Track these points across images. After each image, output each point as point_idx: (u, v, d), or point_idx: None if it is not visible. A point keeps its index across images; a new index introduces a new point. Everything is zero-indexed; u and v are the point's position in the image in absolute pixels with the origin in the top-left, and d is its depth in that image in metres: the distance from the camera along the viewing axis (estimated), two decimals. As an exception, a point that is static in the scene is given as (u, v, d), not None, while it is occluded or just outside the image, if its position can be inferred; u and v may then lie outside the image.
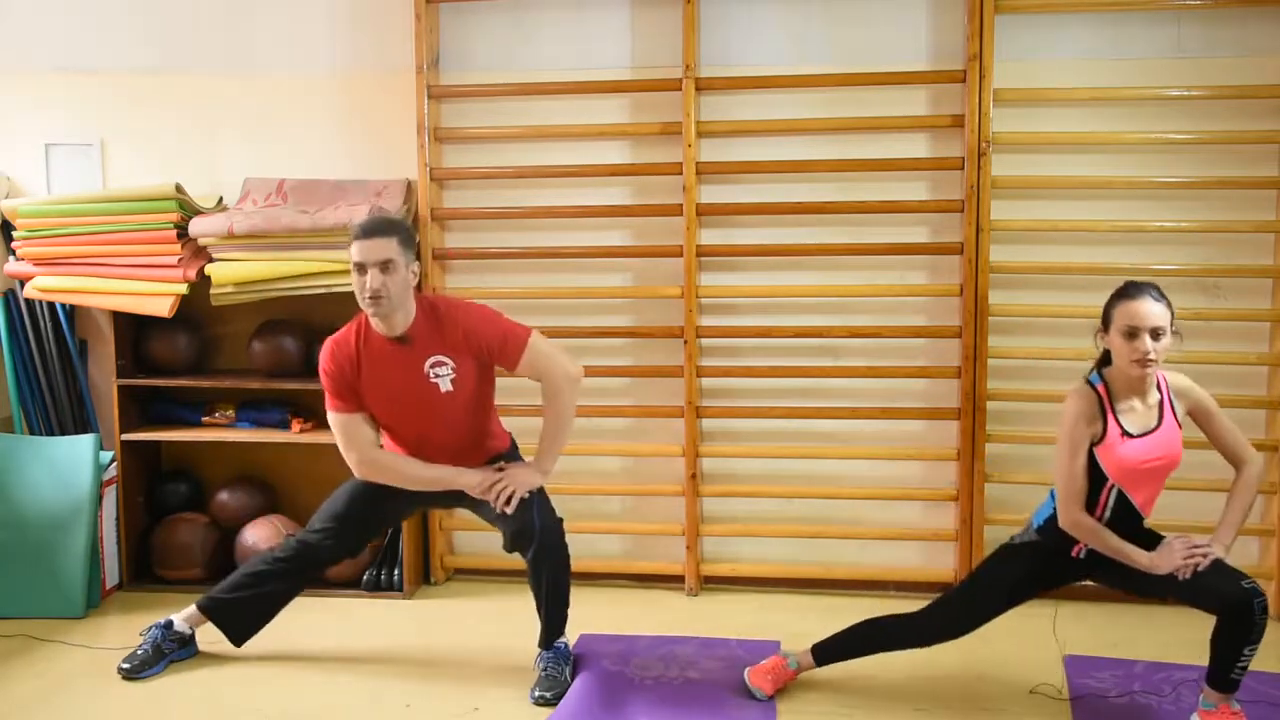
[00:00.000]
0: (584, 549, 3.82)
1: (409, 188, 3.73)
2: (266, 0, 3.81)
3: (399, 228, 2.85)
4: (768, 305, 3.68)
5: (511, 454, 3.12)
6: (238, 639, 3.15)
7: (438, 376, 2.86)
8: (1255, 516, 3.55)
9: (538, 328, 3.71)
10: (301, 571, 3.13)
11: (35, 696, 2.93)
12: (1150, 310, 2.51)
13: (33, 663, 3.15)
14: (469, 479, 2.93)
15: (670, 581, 3.77)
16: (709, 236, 3.66)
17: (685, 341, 3.64)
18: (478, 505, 3.01)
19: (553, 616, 3.03)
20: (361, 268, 2.77)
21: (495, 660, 3.14)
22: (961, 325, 3.53)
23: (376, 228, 2.81)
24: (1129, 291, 2.56)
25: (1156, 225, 3.46)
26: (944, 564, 3.66)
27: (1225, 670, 2.53)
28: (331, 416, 2.93)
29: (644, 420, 3.79)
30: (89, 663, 3.14)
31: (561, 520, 3.02)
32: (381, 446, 2.98)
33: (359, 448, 2.92)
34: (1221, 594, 2.50)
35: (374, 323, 2.85)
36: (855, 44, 3.57)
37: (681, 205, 3.59)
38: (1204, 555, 2.53)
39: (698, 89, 3.56)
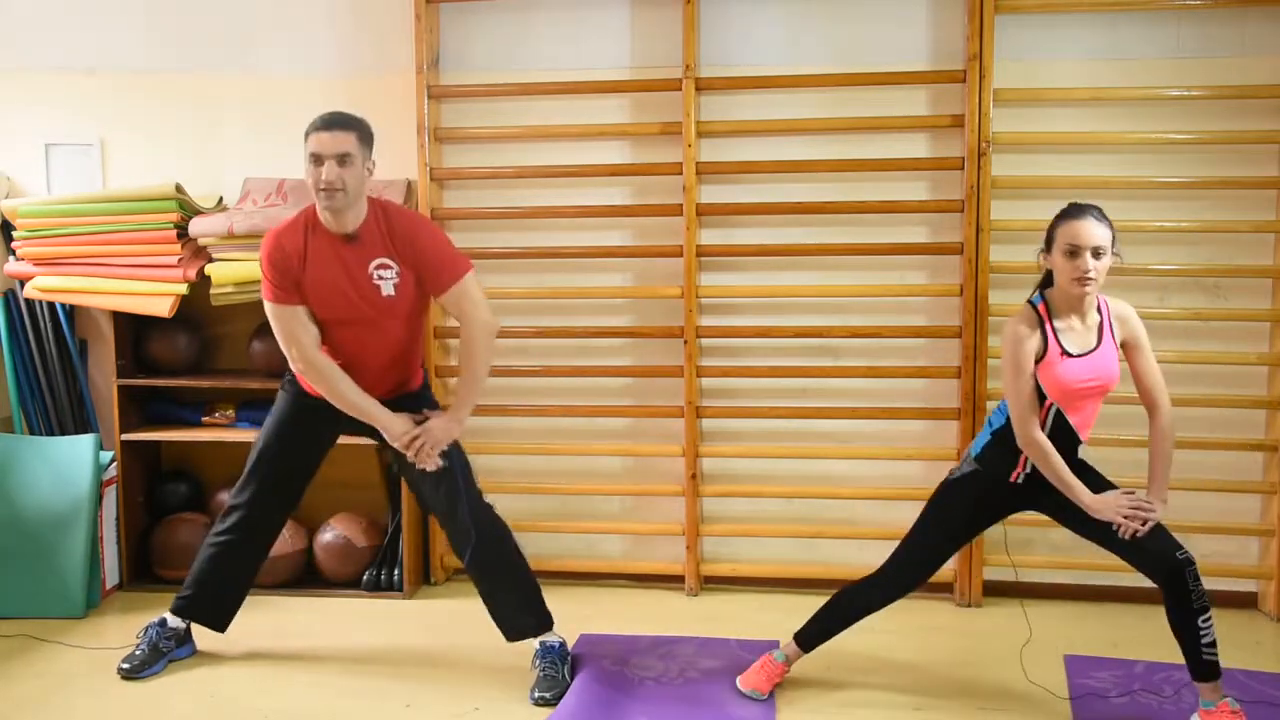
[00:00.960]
0: (584, 549, 3.84)
1: (409, 188, 3.73)
2: (266, 0, 3.81)
3: (359, 123, 2.80)
4: (768, 305, 3.68)
5: (425, 391, 3.08)
6: (219, 626, 3.15)
7: (381, 279, 2.82)
8: (1255, 516, 3.55)
9: (538, 328, 3.75)
10: (249, 537, 3.09)
11: (35, 696, 2.93)
12: (1092, 230, 2.54)
13: (33, 663, 3.14)
14: (392, 424, 2.87)
15: (670, 581, 3.77)
16: (709, 236, 3.66)
17: (685, 341, 3.64)
18: (396, 453, 2.95)
19: (525, 604, 3.01)
20: (318, 159, 2.72)
21: (495, 660, 3.13)
22: (961, 325, 3.53)
23: (337, 121, 2.76)
24: (1071, 212, 2.60)
25: (1156, 225, 3.46)
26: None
27: (1195, 652, 2.55)
28: (271, 309, 2.83)
29: (644, 420, 3.79)
30: (89, 663, 3.13)
31: (491, 506, 3.01)
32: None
33: (300, 343, 2.83)
34: (1156, 558, 2.54)
35: (324, 217, 2.80)
36: (855, 44, 3.57)
37: (681, 205, 3.59)
38: (1145, 517, 2.56)
39: (698, 89, 3.56)
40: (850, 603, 2.88)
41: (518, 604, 3.03)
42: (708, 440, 3.73)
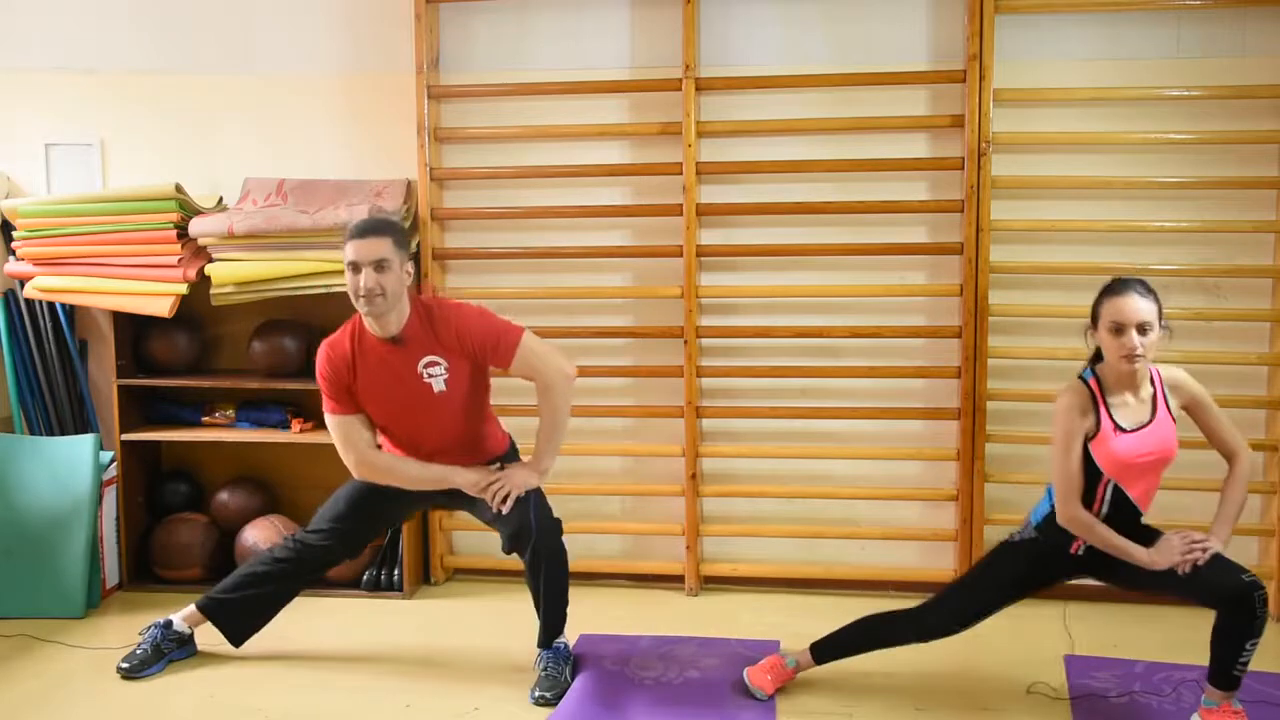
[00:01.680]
0: (584, 549, 3.83)
1: (409, 188, 3.73)
2: (266, 0, 3.81)
3: (394, 228, 2.86)
4: (768, 305, 3.68)
5: (510, 455, 3.12)
6: (236, 639, 3.15)
7: (431, 376, 2.86)
8: (1255, 516, 3.55)
9: (538, 328, 3.71)
10: (300, 573, 3.13)
11: (35, 696, 2.93)
12: (1136, 306, 2.52)
13: (33, 663, 3.14)
14: (465, 478, 2.93)
15: (670, 581, 3.77)
16: (709, 236, 3.66)
17: (685, 341, 3.64)
18: (475, 506, 3.01)
19: (551, 616, 3.03)
20: (356, 267, 2.77)
21: (495, 660, 3.13)
22: (961, 325, 3.53)
23: (372, 227, 2.81)
24: (1115, 288, 2.57)
25: (1156, 225, 3.46)
26: (944, 564, 3.66)
27: (1227, 667, 2.53)
28: (329, 419, 2.93)
29: (644, 420, 3.79)
30: (89, 663, 3.14)
31: (559, 520, 3.02)
32: (380, 447, 2.98)
33: (356, 449, 2.92)
34: (1222, 587, 2.50)
35: (368, 323, 2.85)
36: (855, 44, 3.57)
37: (681, 205, 3.59)
38: (1203, 550, 2.53)
39: (698, 89, 3.56)
40: (877, 631, 2.86)
41: (558, 610, 3.04)
42: (708, 440, 3.73)
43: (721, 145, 3.63)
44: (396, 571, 3.71)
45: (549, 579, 2.98)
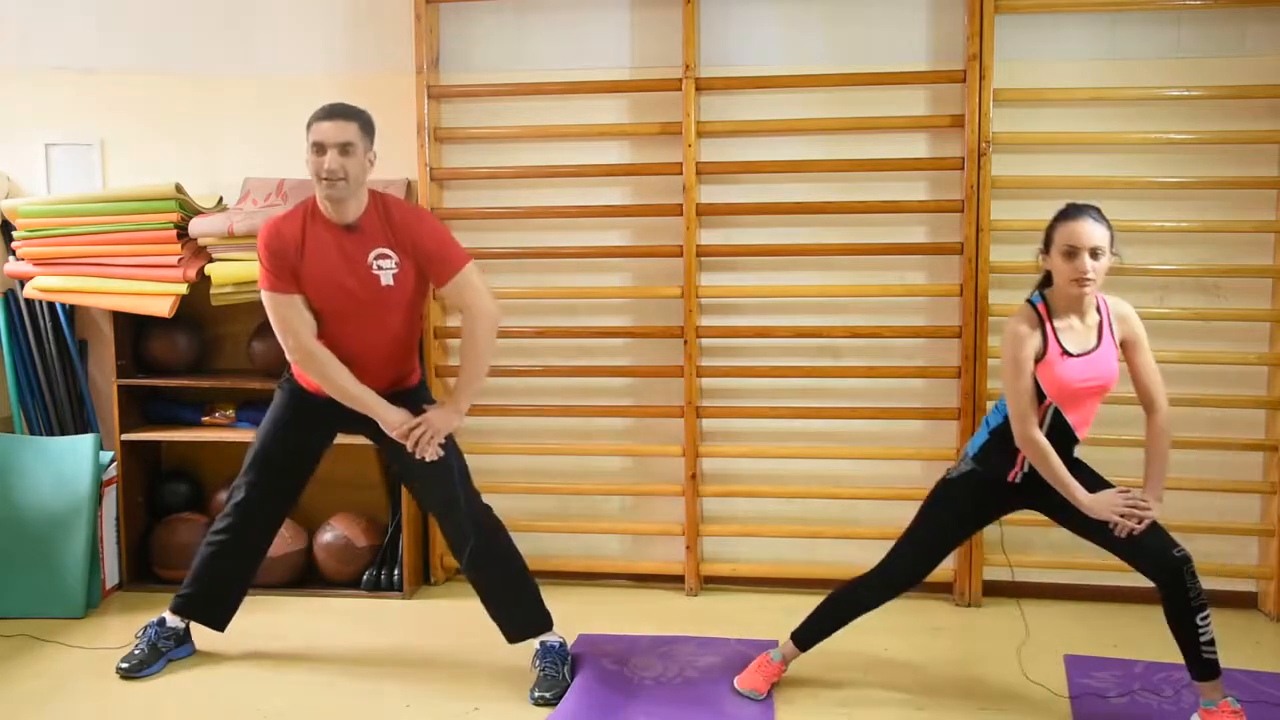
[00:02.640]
0: (584, 549, 3.83)
1: (409, 188, 3.73)
2: (266, 0, 3.81)
3: (361, 114, 2.82)
4: (768, 305, 3.68)
5: (421, 390, 3.07)
6: (218, 625, 3.15)
7: (380, 269, 2.82)
8: (1255, 516, 3.55)
9: (538, 328, 3.75)
10: (248, 536, 3.08)
11: (35, 696, 2.93)
12: (1090, 230, 2.54)
13: (33, 663, 3.14)
14: (390, 414, 2.87)
15: (670, 581, 3.77)
16: (709, 236, 3.66)
17: (685, 341, 3.64)
18: (394, 450, 2.94)
19: (525, 605, 3.01)
20: (320, 148, 2.73)
21: (495, 660, 3.13)
22: (961, 325, 3.53)
23: (339, 110, 2.78)
24: (1069, 213, 2.60)
25: (1156, 225, 3.46)
26: (943, 564, 3.64)
27: (1194, 650, 2.55)
28: (267, 297, 2.82)
29: (644, 420, 3.79)
30: (89, 663, 3.13)
31: (489, 508, 3.01)
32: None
33: (297, 333, 2.83)
34: (1153, 556, 2.55)
35: (324, 206, 2.81)
36: (855, 44, 3.57)
37: (681, 205, 3.59)
38: (1142, 515, 2.56)
39: (698, 89, 3.56)
40: (846, 602, 2.89)
41: (516, 605, 3.04)
42: (708, 440, 3.73)
43: (721, 145, 3.63)
44: (396, 571, 3.71)
45: (502, 570, 2.97)
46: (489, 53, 3.73)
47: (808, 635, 2.91)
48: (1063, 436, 2.65)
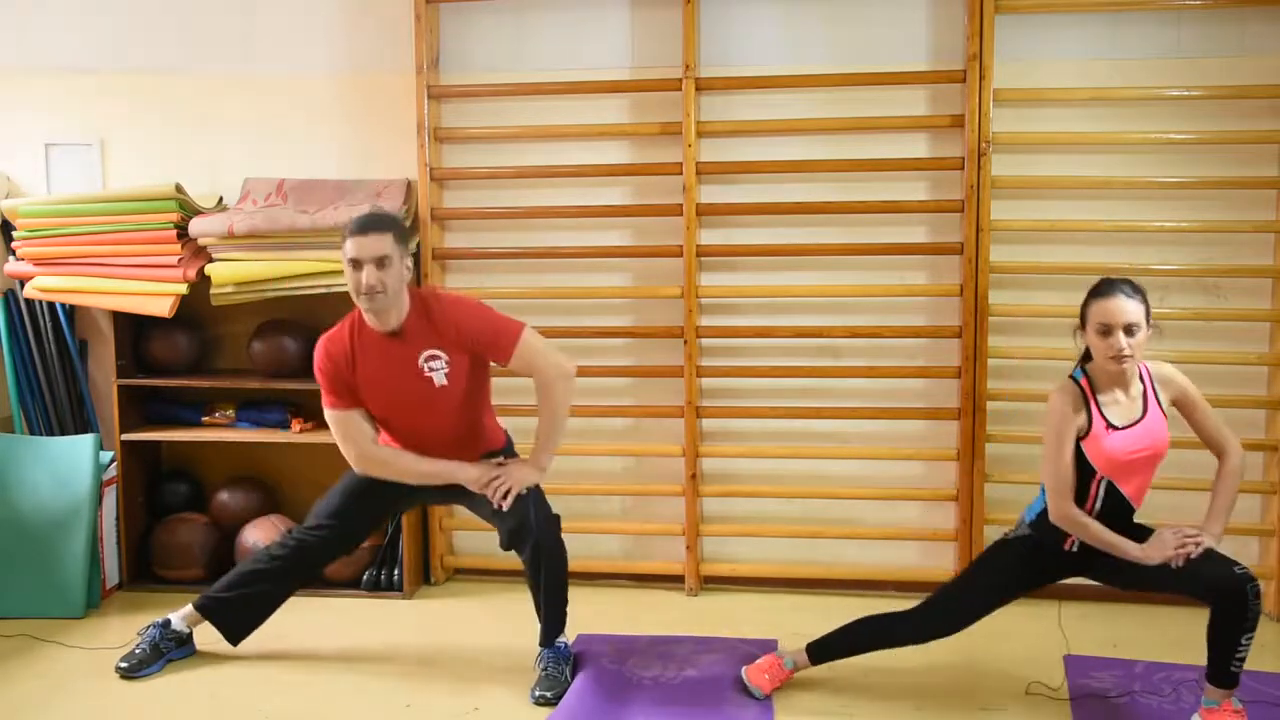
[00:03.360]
0: (584, 549, 3.82)
1: (409, 188, 3.73)
2: (266, 0, 3.81)
3: (395, 223, 2.86)
4: (768, 305, 3.68)
5: (507, 451, 3.12)
6: (234, 638, 3.16)
7: (431, 370, 2.87)
8: (1255, 516, 3.55)
9: (538, 328, 3.72)
10: (298, 570, 3.13)
11: (35, 696, 2.93)
12: (1122, 307, 2.53)
13: (33, 663, 3.14)
14: (467, 473, 2.93)
15: (670, 581, 3.77)
16: (709, 236, 3.66)
17: (685, 341, 3.64)
18: (475, 502, 3.01)
19: (552, 614, 3.03)
20: (357, 264, 2.77)
21: (495, 660, 3.14)
22: (961, 325, 3.53)
23: (372, 224, 2.81)
24: (1101, 289, 2.58)
25: (1156, 225, 3.46)
26: (943, 564, 3.66)
27: (1224, 663, 2.53)
28: (329, 414, 2.94)
29: (644, 420, 3.79)
30: (89, 663, 3.13)
31: (558, 517, 3.02)
32: (378, 442, 2.98)
33: (357, 444, 2.93)
34: (1215, 580, 2.51)
35: (368, 319, 2.86)
36: (855, 44, 3.57)
37: (681, 205, 3.59)
38: (1195, 544, 2.54)
39: (698, 89, 3.56)
40: (873, 632, 2.87)
41: (550, 617, 3.04)
42: (708, 440, 3.73)
43: (721, 145, 3.63)
44: (396, 571, 3.71)
45: (549, 575, 2.98)
46: (489, 53, 3.73)
47: (824, 651, 2.89)
48: (1118, 509, 2.64)
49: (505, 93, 3.69)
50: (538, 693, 2.88)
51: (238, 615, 3.14)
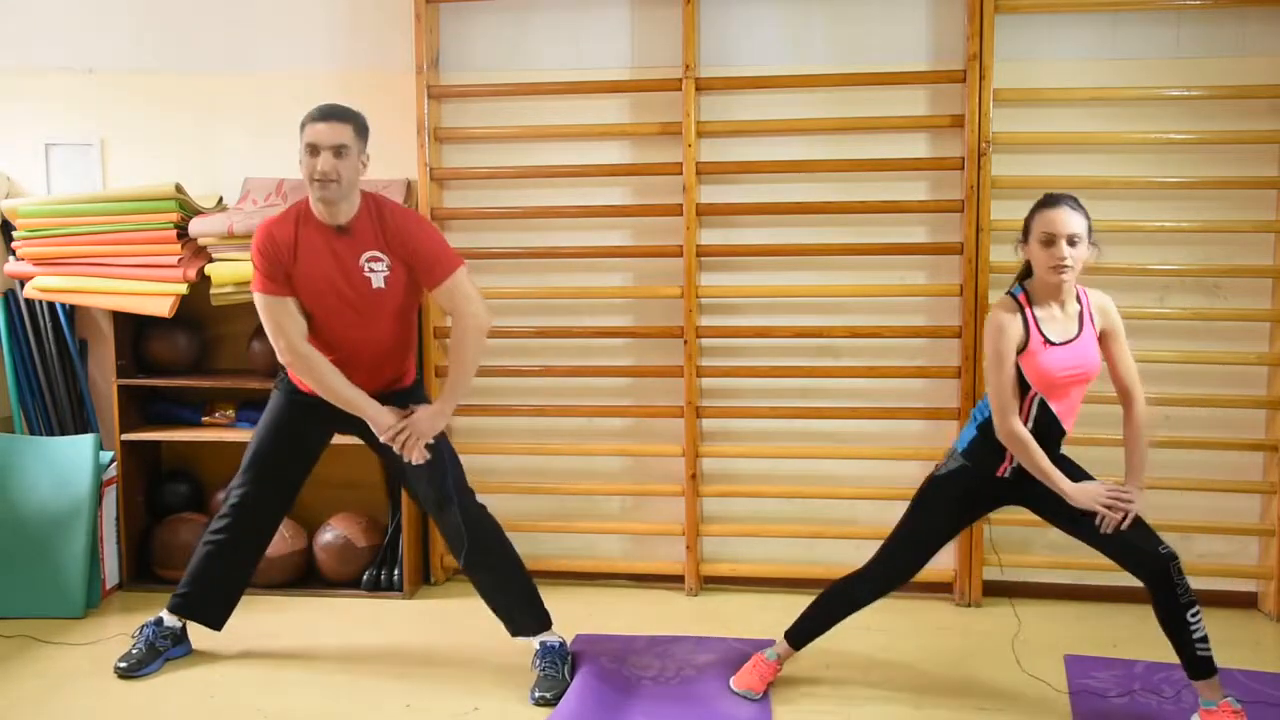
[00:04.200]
0: (584, 549, 3.83)
1: (409, 188, 3.73)
2: (266, 0, 3.81)
3: (355, 116, 2.82)
4: (768, 305, 3.68)
5: (416, 390, 3.07)
6: (215, 624, 3.16)
7: (372, 271, 2.83)
8: (1255, 516, 3.55)
9: (538, 328, 3.75)
10: (245, 536, 3.10)
11: (35, 696, 2.93)
12: (1066, 218, 2.55)
13: (33, 663, 3.14)
14: (379, 415, 2.88)
15: (670, 581, 3.77)
16: (709, 236, 3.66)
17: (685, 341, 3.64)
18: (386, 451, 2.96)
19: (522, 604, 3.02)
20: (314, 149, 2.74)
21: (495, 660, 3.13)
22: (961, 325, 3.53)
23: (333, 112, 2.78)
24: (1047, 201, 2.61)
25: (1156, 225, 3.46)
26: (942, 563, 3.64)
27: (1189, 649, 2.57)
28: (259, 299, 2.84)
29: (644, 420, 3.79)
30: (89, 663, 3.13)
31: (483, 506, 3.02)
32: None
33: (288, 335, 2.84)
34: (1140, 560, 2.57)
35: (316, 209, 2.81)
36: (855, 44, 3.57)
37: (681, 205, 3.59)
38: (1126, 506, 2.57)
39: (698, 89, 3.56)
40: (838, 599, 2.90)
41: (514, 605, 3.05)
42: (708, 440, 3.73)
43: (721, 145, 3.63)
44: (396, 571, 3.71)
45: (485, 549, 2.97)
46: (489, 53, 3.73)
47: (801, 634, 2.92)
48: (1049, 429, 2.66)
49: (505, 93, 3.69)
50: (537, 693, 2.88)
51: (209, 603, 3.14)
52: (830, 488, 3.69)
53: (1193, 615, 2.55)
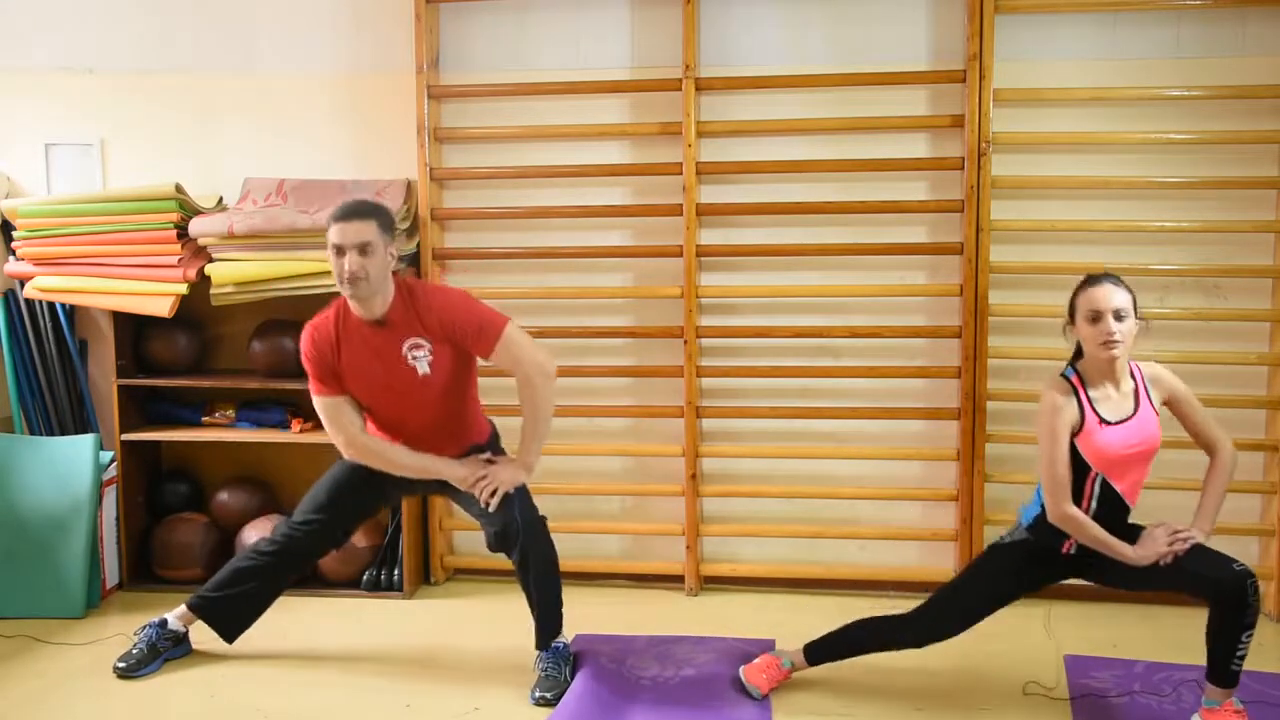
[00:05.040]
0: (584, 549, 3.83)
1: (409, 188, 3.73)
2: (266, 0, 3.81)
3: (378, 210, 2.84)
4: (768, 305, 3.68)
5: (492, 444, 3.10)
6: (229, 636, 3.16)
7: (415, 359, 2.86)
8: (1255, 516, 3.55)
9: (538, 328, 3.74)
10: (289, 565, 3.13)
11: (35, 696, 2.93)
12: (1110, 294, 2.56)
13: (33, 663, 3.14)
14: (455, 471, 2.93)
15: (670, 581, 3.77)
16: (709, 236, 3.66)
17: (685, 341, 3.64)
18: (461, 497, 3.01)
19: (546, 616, 3.02)
20: (340, 250, 2.76)
21: (495, 660, 3.13)
22: (961, 325, 3.53)
23: (355, 210, 2.80)
24: (1089, 281, 2.62)
25: (1156, 225, 3.46)
26: (943, 564, 3.66)
27: (1225, 662, 2.54)
28: (317, 401, 2.92)
29: (644, 420, 3.79)
30: (89, 663, 3.13)
31: (544, 518, 3.02)
32: (366, 431, 2.97)
33: (345, 430, 2.91)
34: (1214, 578, 2.52)
35: (352, 306, 2.84)
36: (855, 44, 3.57)
37: (681, 205, 3.59)
38: (1184, 541, 2.56)
39: (698, 89, 3.56)
40: (870, 634, 2.87)
41: (544, 617, 3.04)
42: (708, 440, 3.73)
43: (721, 145, 3.63)
44: (396, 571, 3.71)
45: (538, 577, 2.98)
46: (489, 53, 3.73)
47: (822, 654, 2.90)
48: (1113, 506, 2.64)
49: (505, 93, 3.69)
50: (538, 694, 2.88)
51: (230, 613, 3.14)
52: (830, 488, 3.69)
53: (1247, 636, 2.51)
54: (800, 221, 3.62)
